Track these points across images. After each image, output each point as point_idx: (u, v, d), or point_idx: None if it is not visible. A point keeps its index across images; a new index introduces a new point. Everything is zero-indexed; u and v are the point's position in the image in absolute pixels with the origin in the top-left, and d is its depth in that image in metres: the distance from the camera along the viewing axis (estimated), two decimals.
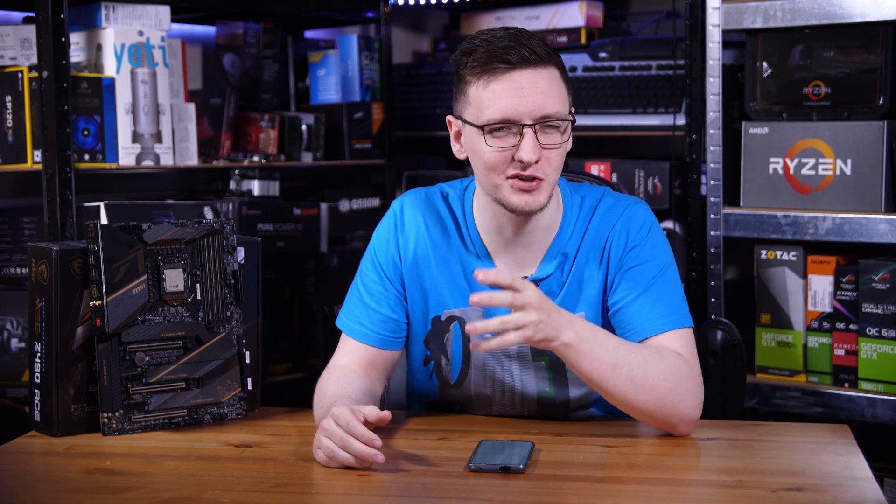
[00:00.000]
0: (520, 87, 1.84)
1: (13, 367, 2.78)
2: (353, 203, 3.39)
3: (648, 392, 1.82)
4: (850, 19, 2.65)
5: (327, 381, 1.98)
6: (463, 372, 2.03)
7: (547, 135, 1.86)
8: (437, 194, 2.07)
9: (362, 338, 2.03)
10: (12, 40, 2.75)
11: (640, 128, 3.13)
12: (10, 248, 2.88)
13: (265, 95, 3.31)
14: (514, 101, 1.84)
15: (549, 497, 1.63)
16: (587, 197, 2.02)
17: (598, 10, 3.49)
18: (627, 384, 1.82)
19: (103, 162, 2.81)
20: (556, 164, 1.89)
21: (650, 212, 2.01)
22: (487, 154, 1.87)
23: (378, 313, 2.02)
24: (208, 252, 2.03)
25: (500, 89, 1.85)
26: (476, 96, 1.87)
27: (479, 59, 1.86)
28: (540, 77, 1.85)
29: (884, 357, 2.65)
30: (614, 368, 1.81)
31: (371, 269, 2.05)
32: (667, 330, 1.90)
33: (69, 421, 1.96)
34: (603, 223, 1.98)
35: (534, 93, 1.84)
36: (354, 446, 1.70)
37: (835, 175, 2.71)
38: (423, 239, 2.03)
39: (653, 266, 1.95)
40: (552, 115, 1.85)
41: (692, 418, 1.86)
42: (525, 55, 1.84)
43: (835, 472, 1.71)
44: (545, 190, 1.89)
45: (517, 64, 1.84)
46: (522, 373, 2.01)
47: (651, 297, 1.92)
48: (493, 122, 1.85)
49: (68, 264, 1.94)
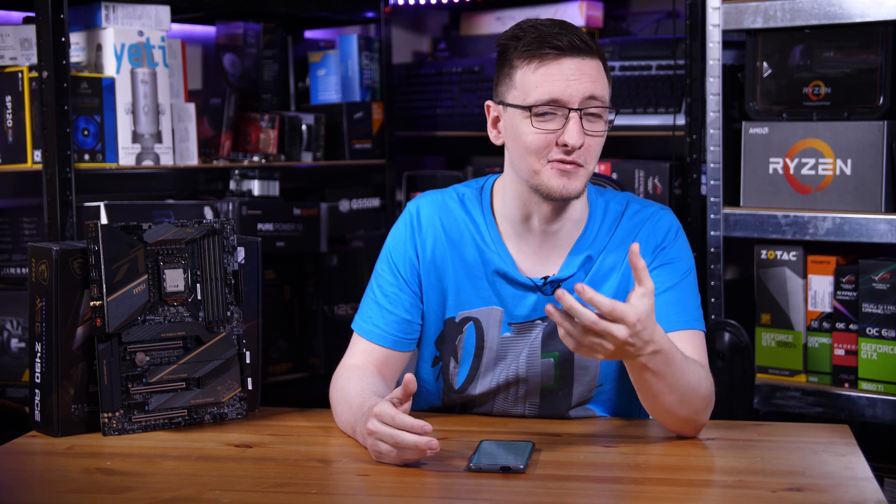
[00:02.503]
0: (569, 71, 1.88)
1: (13, 367, 2.78)
2: (353, 203, 3.39)
3: (688, 406, 1.83)
4: (850, 19, 2.65)
5: (347, 381, 1.97)
6: (470, 377, 2.03)
7: (590, 122, 1.89)
8: (453, 195, 2.07)
9: (376, 339, 2.03)
10: (12, 40, 2.75)
11: (640, 128, 3.13)
12: (10, 248, 2.88)
13: (265, 95, 3.31)
14: (562, 84, 1.87)
15: (549, 497, 1.63)
16: (612, 202, 2.03)
17: (598, 10, 3.49)
18: (676, 401, 1.82)
19: (103, 162, 2.81)
20: (595, 154, 1.92)
21: (675, 217, 2.04)
22: (531, 137, 1.89)
23: (392, 314, 2.02)
24: (208, 252, 2.03)
25: (549, 73, 1.88)
26: (523, 80, 1.90)
27: (529, 44, 1.89)
28: (588, 65, 1.89)
29: (884, 357, 2.65)
30: (674, 387, 1.80)
31: (387, 270, 2.05)
32: (685, 328, 1.92)
33: (69, 421, 1.96)
34: (630, 227, 2.00)
35: (581, 78, 1.88)
36: (407, 439, 1.70)
37: (835, 175, 2.71)
38: (440, 240, 2.03)
39: (679, 266, 1.97)
40: (599, 97, 1.89)
41: (706, 421, 1.89)
42: (575, 42, 1.88)
43: (835, 472, 1.71)
44: (583, 178, 1.91)
45: (567, 50, 1.88)
46: (530, 367, 2.01)
47: (675, 296, 1.94)
48: (540, 102, 1.88)
49: (68, 264, 1.94)
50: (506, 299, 1.99)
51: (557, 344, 1.97)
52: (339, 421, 1.95)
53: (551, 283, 1.98)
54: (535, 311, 1.99)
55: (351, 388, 1.94)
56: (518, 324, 2.00)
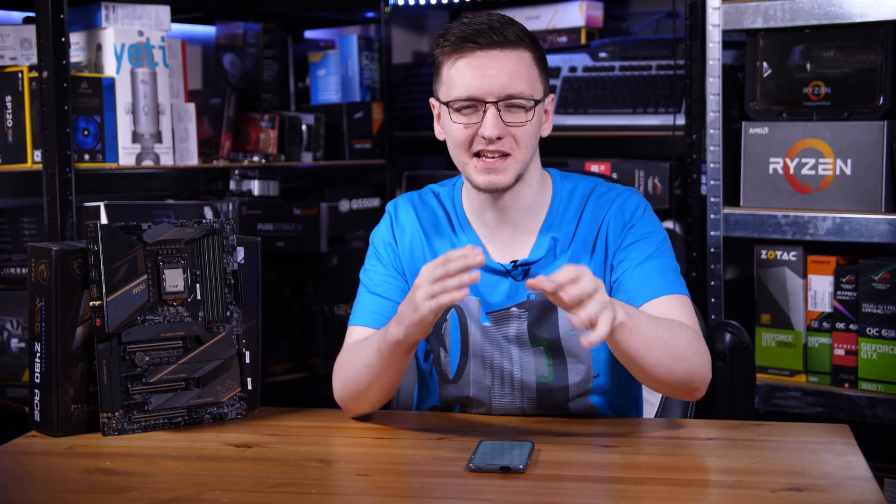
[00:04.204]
0: (486, 66, 1.91)
1: (13, 367, 2.78)
2: (353, 203, 3.39)
3: (682, 359, 1.86)
4: (850, 19, 2.65)
5: (351, 347, 1.99)
6: (461, 364, 2.04)
7: (512, 113, 1.93)
8: (428, 193, 2.13)
9: (372, 322, 2.03)
10: (12, 40, 2.75)
11: (640, 128, 3.13)
12: (10, 248, 2.88)
13: (265, 95, 3.31)
14: (479, 80, 1.91)
15: (549, 497, 1.63)
16: (579, 185, 2.06)
17: (598, 10, 3.49)
18: (666, 355, 1.84)
19: (103, 162, 2.81)
20: (525, 142, 1.94)
21: (642, 196, 2.06)
22: (455, 130, 1.95)
23: (386, 300, 2.04)
24: (208, 252, 2.03)
25: (466, 68, 1.92)
26: (447, 75, 1.95)
27: (449, 40, 1.94)
28: (507, 58, 1.92)
29: (884, 357, 2.65)
30: (655, 342, 1.84)
31: (376, 263, 2.08)
32: (667, 293, 1.95)
33: (69, 421, 1.96)
34: (597, 209, 2.03)
35: (499, 73, 1.91)
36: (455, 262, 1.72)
37: (835, 175, 2.71)
38: (417, 232, 2.08)
39: (651, 240, 2.00)
40: (516, 94, 1.91)
41: (708, 379, 1.91)
42: (494, 38, 1.91)
43: (835, 472, 1.71)
44: (511, 168, 1.94)
45: (485, 45, 1.91)
46: (522, 357, 2.02)
47: (651, 265, 1.97)
48: (459, 99, 1.92)
49: (68, 264, 1.94)
50: (480, 288, 2.02)
51: (544, 333, 2.00)
52: (356, 367, 1.94)
53: (521, 265, 2.00)
54: (509, 297, 2.01)
55: (359, 343, 1.97)
56: (495, 312, 2.02)
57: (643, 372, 1.87)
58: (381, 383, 1.94)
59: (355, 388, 1.96)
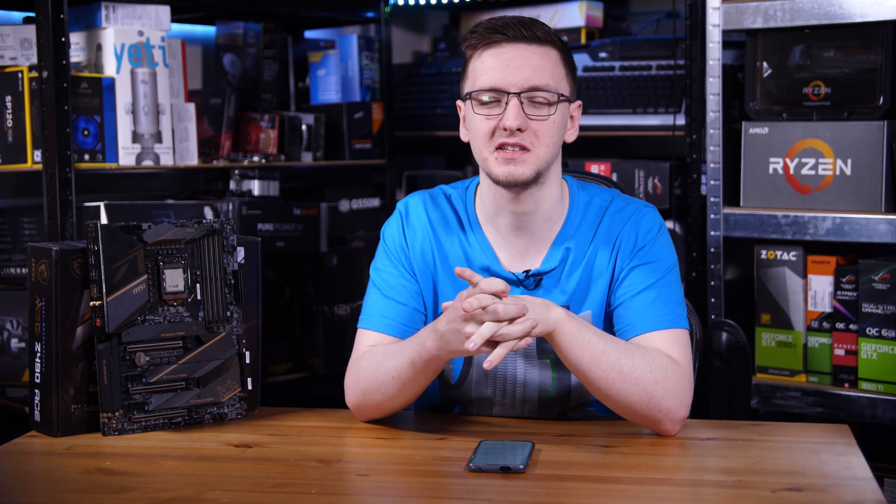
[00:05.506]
0: (511, 57, 1.92)
1: (13, 367, 2.78)
2: (353, 203, 3.39)
3: (634, 383, 1.84)
4: (850, 19, 2.65)
5: (371, 353, 1.97)
6: (465, 371, 2.03)
7: (534, 107, 1.92)
8: (440, 194, 2.10)
9: (387, 329, 2.01)
10: (12, 40, 2.75)
11: (640, 128, 3.13)
12: (10, 248, 2.88)
13: (265, 95, 3.31)
14: (503, 70, 1.91)
15: (549, 497, 1.63)
16: (595, 198, 2.04)
17: (598, 10, 3.49)
18: (615, 373, 1.84)
19: (103, 162, 2.81)
20: (545, 138, 1.92)
21: (659, 215, 2.04)
22: (478, 122, 1.93)
23: (401, 304, 2.02)
24: (208, 252, 2.03)
25: (491, 59, 1.93)
26: (472, 67, 1.95)
27: (477, 32, 1.94)
28: (533, 52, 1.92)
29: (884, 357, 2.65)
30: (603, 355, 1.84)
31: (389, 264, 2.06)
32: (662, 328, 1.92)
33: (69, 421, 1.96)
34: (613, 225, 2.01)
35: (524, 65, 1.91)
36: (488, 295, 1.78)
37: (835, 175, 2.71)
38: (427, 234, 2.05)
39: (658, 266, 1.97)
40: (540, 86, 1.91)
41: (678, 416, 1.87)
42: (522, 32, 1.92)
43: (835, 472, 1.71)
44: (531, 162, 1.92)
45: (512, 38, 1.92)
46: (527, 370, 2.01)
47: (652, 295, 1.94)
48: (482, 89, 1.92)
49: (68, 264, 1.94)
50: None
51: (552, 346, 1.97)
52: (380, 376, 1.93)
53: (533, 276, 1.99)
54: None
55: (380, 349, 1.96)
56: None
57: (590, 385, 1.87)
58: (410, 393, 1.93)
59: (378, 397, 1.94)
